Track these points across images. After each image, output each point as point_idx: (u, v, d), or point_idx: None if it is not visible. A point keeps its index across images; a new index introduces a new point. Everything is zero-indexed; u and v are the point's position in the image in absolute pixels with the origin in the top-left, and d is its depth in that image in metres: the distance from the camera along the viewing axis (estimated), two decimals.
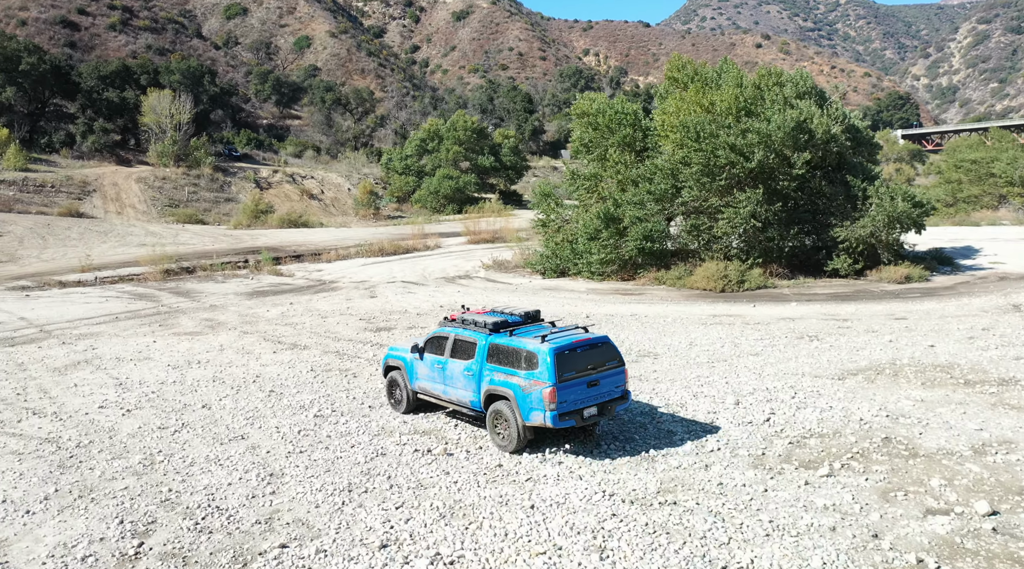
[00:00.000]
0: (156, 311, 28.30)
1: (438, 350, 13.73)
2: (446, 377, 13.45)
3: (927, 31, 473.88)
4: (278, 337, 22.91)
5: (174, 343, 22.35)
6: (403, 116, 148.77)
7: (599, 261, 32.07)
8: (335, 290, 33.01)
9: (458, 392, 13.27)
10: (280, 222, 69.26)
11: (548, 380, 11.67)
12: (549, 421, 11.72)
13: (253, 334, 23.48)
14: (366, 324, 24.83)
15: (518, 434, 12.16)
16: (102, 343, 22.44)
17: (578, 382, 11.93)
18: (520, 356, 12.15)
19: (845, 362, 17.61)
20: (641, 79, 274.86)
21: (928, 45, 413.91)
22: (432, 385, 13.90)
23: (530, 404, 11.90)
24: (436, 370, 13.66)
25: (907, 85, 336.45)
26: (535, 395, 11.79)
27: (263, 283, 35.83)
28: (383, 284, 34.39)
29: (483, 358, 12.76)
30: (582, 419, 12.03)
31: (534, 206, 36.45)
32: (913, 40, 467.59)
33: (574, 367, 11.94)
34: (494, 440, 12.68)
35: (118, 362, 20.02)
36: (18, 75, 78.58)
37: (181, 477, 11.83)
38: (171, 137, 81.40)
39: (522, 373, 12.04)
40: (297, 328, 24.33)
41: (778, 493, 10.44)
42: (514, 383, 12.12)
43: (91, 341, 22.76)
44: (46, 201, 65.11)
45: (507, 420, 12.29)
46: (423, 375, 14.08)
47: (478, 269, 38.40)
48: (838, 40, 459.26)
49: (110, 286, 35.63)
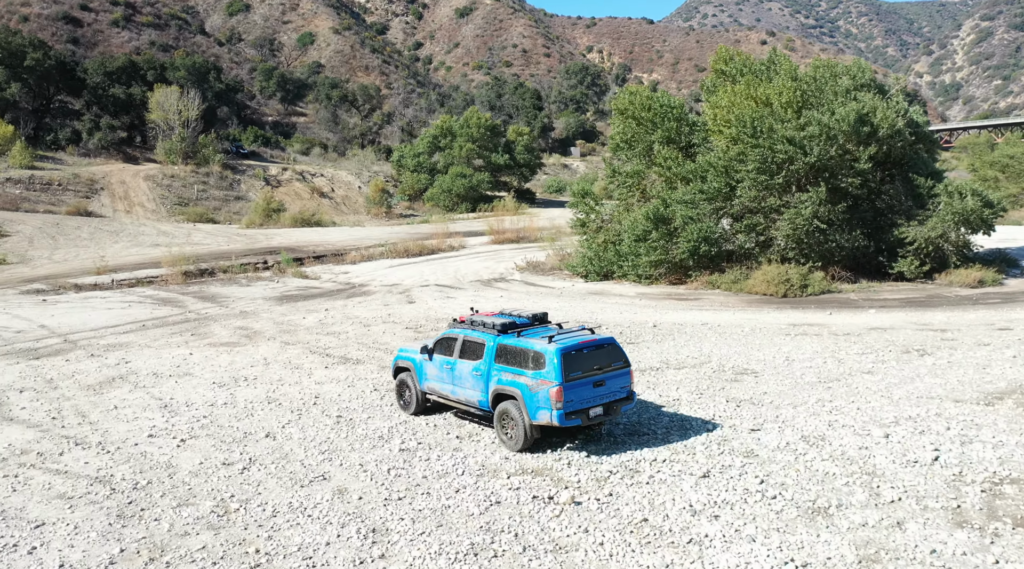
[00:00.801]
0: (184, 318, 26.42)
1: (447, 351, 13.90)
2: (455, 378, 13.65)
3: (929, 28, 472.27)
4: (324, 349, 21.04)
5: (212, 356, 20.47)
6: (409, 113, 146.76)
7: (648, 264, 30.14)
8: (368, 295, 31.14)
9: (466, 392, 13.49)
10: (293, 221, 67.34)
11: (555, 379, 11.91)
12: (555, 419, 11.96)
13: (295, 345, 21.60)
14: (414, 333, 22.98)
15: (525, 433, 12.42)
16: (134, 355, 20.57)
17: (584, 382, 12.18)
18: (527, 356, 12.39)
19: (979, 382, 15.77)
20: (645, 76, 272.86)
21: (931, 42, 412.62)
22: (441, 386, 14.08)
23: (537, 403, 12.14)
24: (445, 371, 13.86)
25: (910, 83, 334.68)
26: (542, 394, 12.03)
27: (290, 286, 33.95)
28: (417, 288, 32.53)
29: (491, 358, 12.98)
30: (588, 418, 12.31)
31: (572, 205, 34.58)
32: (915, 37, 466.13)
33: (580, 367, 12.18)
34: (501, 439, 12.92)
35: (156, 378, 18.15)
36: (23, 71, 76.54)
37: (266, 533, 9.96)
38: (179, 134, 79.42)
39: (529, 373, 12.28)
40: (341, 338, 22.45)
41: (1013, 566, 8.57)
42: (521, 383, 12.34)
43: (122, 353, 20.88)
44: (53, 200, 63.17)
45: (514, 419, 12.51)
46: (432, 376, 14.25)
47: (512, 271, 36.56)
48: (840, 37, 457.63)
49: (129, 290, 33.75)
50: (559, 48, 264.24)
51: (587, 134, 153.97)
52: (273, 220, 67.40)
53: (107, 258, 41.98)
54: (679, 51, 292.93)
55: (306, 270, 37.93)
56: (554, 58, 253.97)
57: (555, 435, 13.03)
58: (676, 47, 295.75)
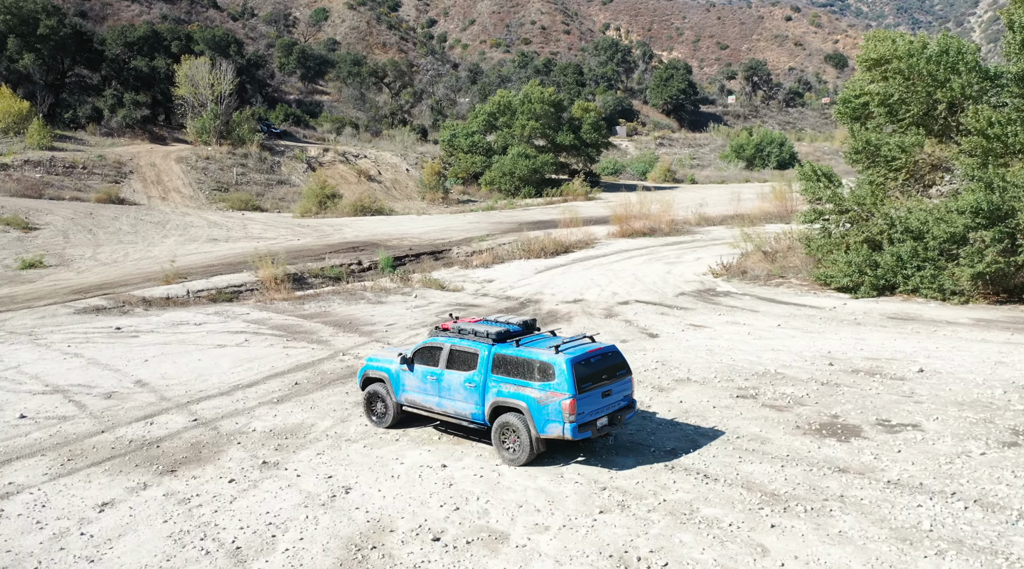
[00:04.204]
0: (343, 364, 17.91)
1: (431, 361, 12.98)
2: (441, 389, 12.78)
3: (941, 6, 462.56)
4: None
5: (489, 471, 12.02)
6: (439, 91, 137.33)
7: (972, 275, 21.50)
8: (564, 319, 22.61)
9: (456, 404, 12.62)
10: (353, 209, 58.64)
11: (567, 391, 11.34)
12: (569, 433, 11.37)
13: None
14: (768, 404, 14.54)
15: (531, 447, 11.71)
16: (340, 464, 12.09)
17: (594, 392, 11.68)
18: (533, 367, 11.76)
19: None
20: (665, 54, 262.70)
21: (945, 20, 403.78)
22: (424, 397, 13.12)
23: (547, 416, 11.50)
24: (429, 382, 12.94)
25: None
26: (552, 407, 11.43)
27: (435, 302, 25.41)
28: (616, 306, 24.04)
29: (487, 369, 12.23)
30: (596, 430, 11.74)
31: (805, 191, 25.97)
32: (926, 15, 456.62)
33: (590, 377, 11.64)
34: (501, 454, 12.06)
35: (451, 549, 9.73)
36: (36, 40, 67.26)
37: None
38: (211, 111, 70.47)
39: (536, 384, 11.66)
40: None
41: None
42: (528, 395, 11.71)
43: (310, 456, 12.40)
44: (79, 185, 54.34)
45: (517, 432, 11.78)
46: (412, 387, 13.25)
47: (709, 278, 28.11)
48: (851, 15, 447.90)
49: (216, 306, 25.26)
50: (578, 25, 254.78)
51: (626, 113, 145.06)
52: (327, 207, 58.77)
53: (161, 257, 33.40)
54: (700, 28, 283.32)
55: (438, 277, 29.27)
56: (574, 35, 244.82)
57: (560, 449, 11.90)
58: (696, 24, 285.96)
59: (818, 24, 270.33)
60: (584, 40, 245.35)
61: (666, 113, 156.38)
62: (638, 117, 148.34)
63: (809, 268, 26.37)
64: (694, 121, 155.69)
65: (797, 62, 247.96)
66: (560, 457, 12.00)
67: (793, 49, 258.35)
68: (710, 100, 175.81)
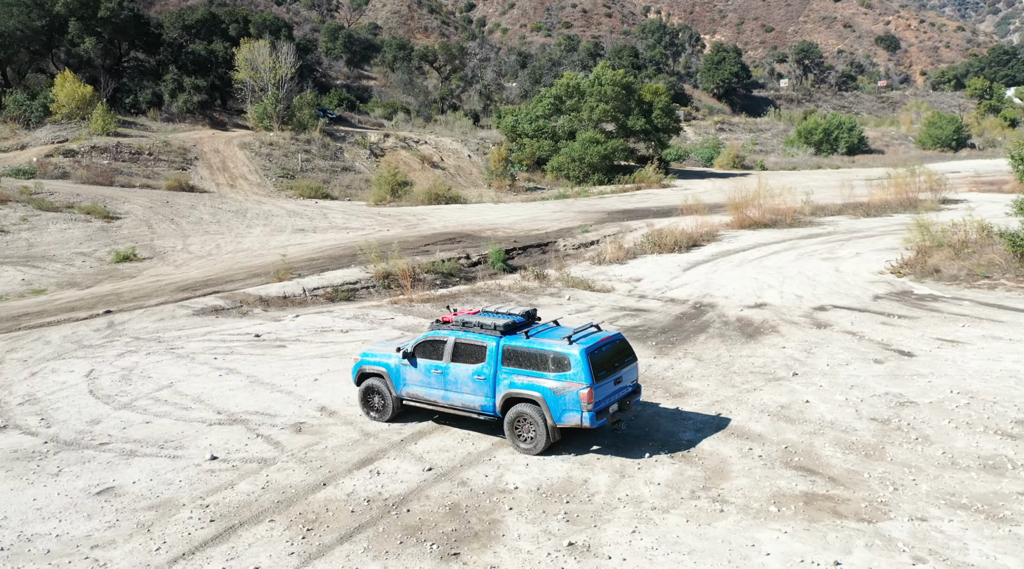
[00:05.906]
0: None
1: (434, 355, 12.78)
2: (447, 382, 12.59)
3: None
4: None
5: None
6: (488, 75, 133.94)
7: None
8: (764, 331, 19.47)
9: (464, 397, 12.50)
10: (427, 197, 55.76)
11: (584, 381, 11.41)
12: (587, 421, 11.46)
13: None
14: None
15: (547, 436, 11.72)
16: (692, 561, 9.13)
17: (608, 380, 11.80)
18: (547, 358, 11.74)
19: None
20: (708, 38, 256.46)
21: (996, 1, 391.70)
22: (427, 391, 12.94)
23: (564, 406, 11.56)
24: (434, 375, 12.75)
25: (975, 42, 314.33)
26: (569, 397, 11.48)
27: (595, 304, 22.39)
28: (815, 312, 20.84)
29: (496, 361, 12.13)
30: (611, 417, 11.88)
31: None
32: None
33: (603, 366, 11.75)
34: (515, 444, 12.05)
35: None
36: (96, 23, 65.06)
37: None
38: (272, 95, 68.00)
39: (551, 375, 11.68)
40: None
41: None
42: (543, 386, 11.70)
43: (637, 542, 9.55)
44: (147, 172, 52.09)
45: (533, 423, 11.76)
46: (414, 381, 13.05)
47: (896, 278, 24.73)
48: None
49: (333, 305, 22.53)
50: (620, 8, 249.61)
51: (679, 97, 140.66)
52: (399, 196, 56.04)
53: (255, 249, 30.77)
54: (744, 10, 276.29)
55: (580, 276, 26.19)
56: (616, 18, 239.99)
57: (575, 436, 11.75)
58: (741, 6, 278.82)
59: (868, 5, 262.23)
60: (626, 23, 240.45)
61: (717, 97, 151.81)
62: (691, 102, 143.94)
63: (1015, 266, 22.98)
64: (746, 106, 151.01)
65: (846, 44, 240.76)
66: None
67: (842, 31, 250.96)
68: (760, 84, 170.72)
